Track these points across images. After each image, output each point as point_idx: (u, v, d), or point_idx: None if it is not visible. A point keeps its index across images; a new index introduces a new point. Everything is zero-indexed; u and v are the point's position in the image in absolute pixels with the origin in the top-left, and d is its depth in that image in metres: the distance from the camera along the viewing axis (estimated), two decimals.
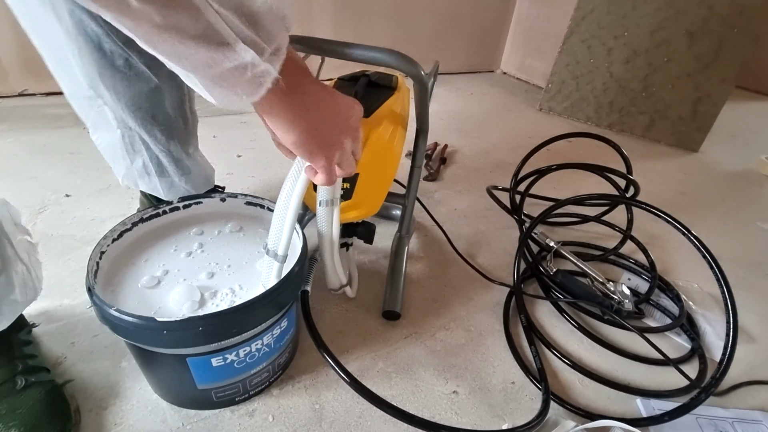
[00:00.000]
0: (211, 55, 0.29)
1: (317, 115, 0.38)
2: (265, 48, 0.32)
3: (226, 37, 0.29)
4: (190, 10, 0.27)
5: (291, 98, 0.36)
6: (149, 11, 0.26)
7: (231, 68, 0.30)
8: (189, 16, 0.28)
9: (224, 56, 0.30)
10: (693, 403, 0.55)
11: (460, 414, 0.54)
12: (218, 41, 0.29)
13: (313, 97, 0.38)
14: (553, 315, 0.71)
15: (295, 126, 0.38)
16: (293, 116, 0.37)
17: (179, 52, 0.29)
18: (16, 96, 1.35)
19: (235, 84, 0.32)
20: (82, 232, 0.79)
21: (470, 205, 1.02)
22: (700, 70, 1.40)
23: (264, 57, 0.32)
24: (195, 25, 0.28)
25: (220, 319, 0.41)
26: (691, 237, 0.64)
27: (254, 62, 0.31)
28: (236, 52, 0.30)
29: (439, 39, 2.00)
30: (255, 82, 0.32)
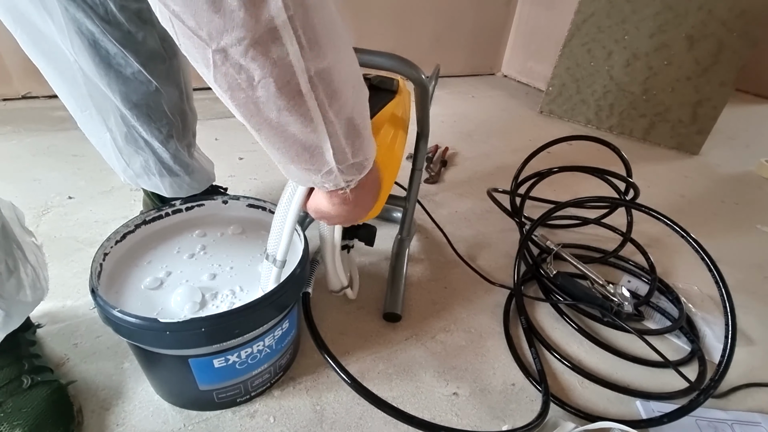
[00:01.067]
0: (300, 153, 0.31)
1: (362, 203, 0.41)
2: (348, 159, 0.33)
3: (322, 145, 0.31)
4: (306, 118, 0.29)
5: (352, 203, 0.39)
6: (270, 109, 0.28)
7: (311, 168, 0.33)
8: (302, 123, 0.29)
9: (311, 157, 0.32)
10: (692, 405, 0.56)
11: (461, 415, 0.55)
12: (312, 144, 0.31)
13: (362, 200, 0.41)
14: (553, 317, 0.72)
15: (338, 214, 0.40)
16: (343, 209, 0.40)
17: (276, 144, 0.31)
18: (20, 99, 1.36)
19: (308, 178, 0.35)
20: (85, 234, 0.80)
21: (471, 207, 1.02)
22: (699, 73, 1.40)
23: (344, 165, 0.33)
24: (301, 130, 0.29)
25: (222, 321, 0.42)
26: (690, 239, 0.64)
27: (333, 170, 0.33)
28: (324, 159, 0.32)
29: (440, 42, 2.01)
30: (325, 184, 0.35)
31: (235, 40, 0.24)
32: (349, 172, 0.35)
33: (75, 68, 0.53)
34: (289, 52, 0.25)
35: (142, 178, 0.66)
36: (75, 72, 0.54)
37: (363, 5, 1.75)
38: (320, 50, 0.26)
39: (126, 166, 0.64)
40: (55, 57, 0.53)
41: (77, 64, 0.53)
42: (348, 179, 0.35)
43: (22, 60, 0.54)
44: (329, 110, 0.29)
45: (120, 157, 0.63)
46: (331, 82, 0.28)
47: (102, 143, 0.62)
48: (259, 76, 0.26)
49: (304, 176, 0.35)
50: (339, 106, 0.30)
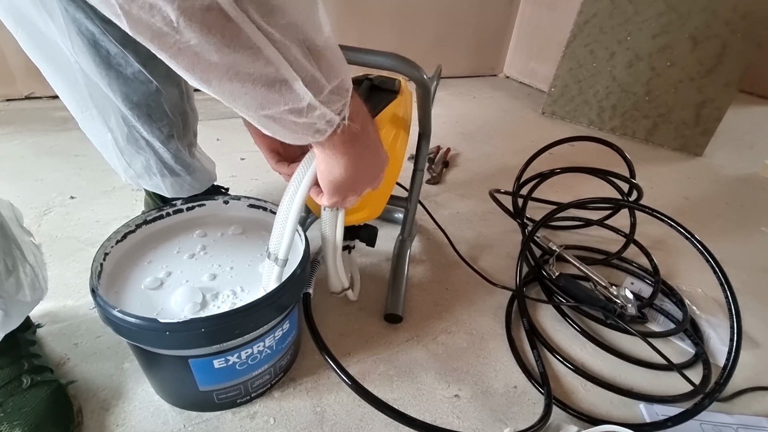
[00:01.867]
0: (265, 95, 0.28)
1: (366, 163, 0.37)
2: (325, 86, 0.30)
3: (284, 74, 0.27)
4: (250, 48, 0.25)
5: (354, 145, 0.35)
6: (207, 49, 0.24)
7: (287, 110, 0.29)
8: (250, 54, 0.25)
9: (280, 96, 0.28)
10: (697, 409, 0.55)
11: (462, 418, 0.54)
12: (274, 79, 0.27)
13: (373, 146, 0.37)
14: (556, 319, 0.71)
15: (346, 170, 0.36)
16: (349, 162, 0.36)
17: (233, 91, 0.27)
18: (23, 99, 1.36)
19: (293, 127, 0.31)
20: (87, 234, 0.80)
21: (472, 208, 1.02)
22: (703, 74, 1.39)
23: (322, 96, 0.30)
24: (252, 63, 0.26)
25: (222, 321, 0.41)
26: (694, 241, 0.64)
27: (312, 104, 0.29)
28: (294, 91, 0.28)
29: (442, 43, 2.01)
30: (314, 127, 0.31)
31: None
32: (333, 101, 0.31)
33: (75, 69, 0.53)
34: None
35: (143, 179, 0.65)
36: (75, 72, 0.54)
37: (365, 6, 1.75)
38: None
39: (127, 166, 0.64)
40: (55, 57, 0.53)
41: (78, 64, 0.53)
42: (337, 109, 0.31)
43: (26, 60, 0.54)
44: (273, 31, 0.25)
45: (121, 157, 0.63)
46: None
47: (103, 144, 0.62)
48: (173, 9, 0.22)
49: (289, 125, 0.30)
50: (284, 24, 0.26)
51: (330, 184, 0.39)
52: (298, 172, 0.45)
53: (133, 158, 0.63)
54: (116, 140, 0.61)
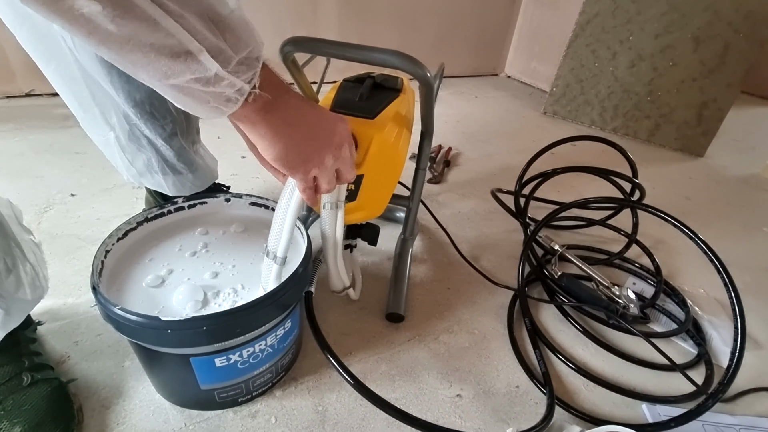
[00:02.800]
0: (169, 65, 0.27)
1: (299, 130, 0.38)
2: (232, 56, 0.30)
3: (187, 45, 0.27)
4: (146, 20, 0.25)
5: (272, 114, 0.35)
6: (101, 20, 0.24)
7: (193, 79, 0.29)
8: (147, 25, 0.26)
9: (186, 66, 0.28)
10: (699, 410, 0.55)
11: (464, 418, 0.54)
12: (178, 50, 0.27)
13: (296, 112, 0.37)
14: (558, 319, 0.71)
15: (277, 141, 0.37)
16: (274, 132, 0.36)
17: (135, 61, 0.27)
18: (23, 96, 1.36)
19: (203, 97, 0.30)
20: (87, 232, 0.79)
21: (474, 207, 1.01)
22: (705, 74, 1.39)
23: (230, 67, 0.30)
24: (152, 34, 0.26)
25: (224, 319, 0.41)
26: (698, 241, 0.63)
27: (219, 74, 0.29)
28: (199, 62, 0.28)
29: (444, 42, 2.01)
30: (224, 96, 0.31)
31: None
32: (242, 71, 0.31)
33: (76, 68, 0.53)
34: None
35: (145, 177, 0.65)
36: (76, 71, 0.54)
37: (367, 5, 1.75)
38: None
39: (129, 164, 0.64)
40: (57, 56, 0.53)
41: (79, 63, 0.52)
42: (247, 78, 0.31)
43: (26, 57, 0.54)
44: (169, 3, 0.26)
45: (123, 156, 0.63)
46: None
47: (105, 142, 0.62)
48: None
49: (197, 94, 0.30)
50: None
51: (275, 161, 0.38)
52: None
53: (135, 156, 0.63)
54: (118, 138, 0.61)
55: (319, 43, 0.53)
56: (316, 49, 0.53)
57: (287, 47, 0.53)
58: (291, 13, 1.63)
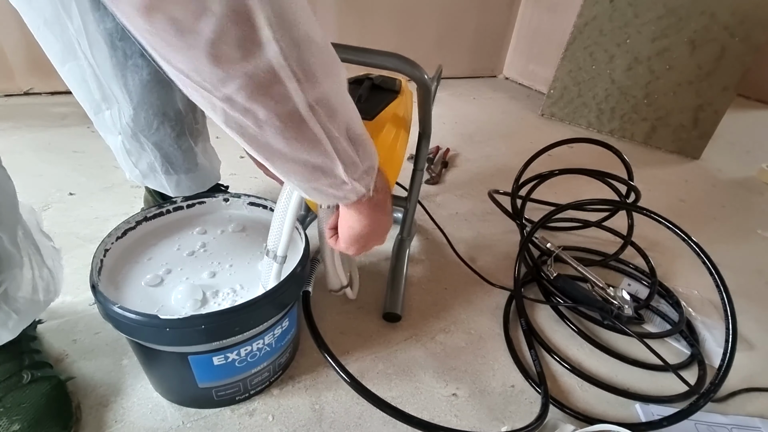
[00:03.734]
0: (313, 174, 0.33)
1: (379, 225, 0.43)
2: (359, 167, 0.35)
3: (331, 162, 0.33)
4: (312, 142, 0.31)
5: (374, 210, 0.41)
6: (277, 141, 0.29)
7: (327, 184, 0.35)
8: (310, 146, 0.31)
9: (323, 175, 0.34)
10: (692, 409, 0.55)
11: (460, 416, 0.54)
12: (323, 164, 0.33)
13: (387, 213, 0.44)
14: (553, 319, 0.72)
15: (364, 228, 0.42)
16: (370, 221, 0.42)
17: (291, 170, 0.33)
18: (21, 95, 1.35)
19: (328, 194, 0.36)
20: (85, 230, 0.80)
21: (471, 208, 1.02)
22: (701, 78, 1.40)
23: (356, 175, 0.35)
24: (311, 154, 0.31)
25: (222, 318, 0.42)
26: (691, 243, 0.64)
27: (347, 182, 0.35)
28: (335, 174, 0.34)
29: (443, 44, 2.01)
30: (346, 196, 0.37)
31: (237, 87, 0.25)
32: (362, 179, 0.37)
33: (89, 70, 0.54)
34: (288, 88, 0.27)
35: (148, 178, 0.66)
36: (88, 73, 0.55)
37: (366, 6, 1.75)
38: (316, 80, 0.28)
39: (133, 166, 0.64)
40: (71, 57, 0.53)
41: (92, 67, 0.53)
42: (366, 184, 0.37)
43: (25, 56, 0.54)
44: (332, 129, 0.31)
45: (128, 157, 0.63)
46: (329, 104, 0.30)
47: (114, 144, 0.63)
48: (264, 115, 0.27)
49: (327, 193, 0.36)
50: (339, 122, 0.31)
51: (350, 238, 0.44)
52: None
53: (139, 158, 0.63)
54: (124, 142, 0.61)
55: None
56: None
57: None
58: None
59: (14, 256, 0.43)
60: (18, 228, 0.44)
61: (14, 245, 0.43)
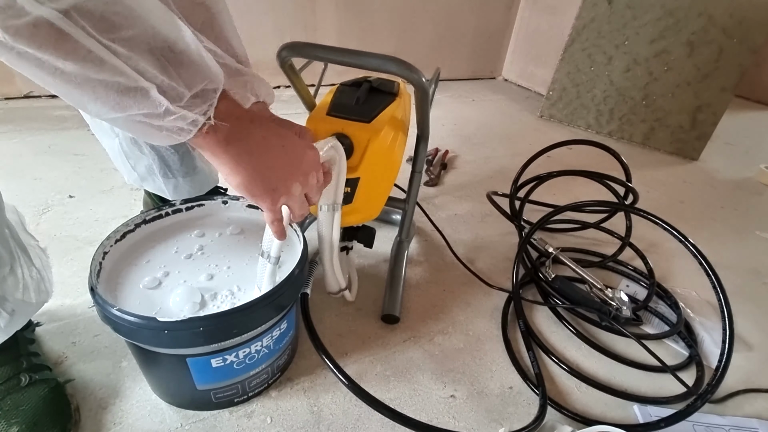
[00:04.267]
0: (118, 100, 0.28)
1: (263, 160, 0.37)
2: (184, 93, 0.30)
3: (137, 83, 0.28)
4: (92, 60, 0.26)
5: (234, 144, 0.35)
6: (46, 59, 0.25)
7: (143, 114, 0.29)
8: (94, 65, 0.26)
9: (135, 102, 0.29)
10: (689, 410, 0.56)
11: (458, 418, 0.55)
12: (126, 87, 0.28)
13: (261, 142, 0.37)
14: (552, 321, 0.72)
15: (238, 171, 0.36)
16: (235, 161, 0.36)
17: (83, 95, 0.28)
18: (22, 98, 1.36)
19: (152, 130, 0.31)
20: (85, 233, 0.80)
21: (470, 210, 1.02)
22: (699, 79, 1.41)
23: (183, 101, 0.30)
24: (100, 73, 0.27)
25: (220, 320, 0.42)
26: (687, 244, 0.64)
27: (170, 109, 0.30)
28: (150, 98, 0.29)
29: (442, 46, 2.02)
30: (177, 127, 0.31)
31: None
32: (195, 104, 0.31)
33: None
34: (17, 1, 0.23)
35: (147, 181, 0.66)
36: None
37: (364, 8, 1.76)
38: None
39: (131, 169, 0.64)
40: None
41: None
42: (201, 111, 0.32)
43: None
44: (116, 45, 0.26)
45: (126, 161, 0.63)
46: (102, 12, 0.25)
47: (111, 147, 0.63)
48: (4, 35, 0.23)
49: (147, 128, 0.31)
50: (129, 37, 0.27)
51: (237, 188, 0.38)
52: None
53: (137, 161, 0.63)
54: (122, 144, 0.62)
55: (315, 49, 0.53)
56: (312, 55, 0.54)
57: (284, 53, 0.54)
58: (291, 17, 1.64)
59: (1, 256, 0.43)
60: (3, 227, 0.44)
61: (1, 245, 0.43)
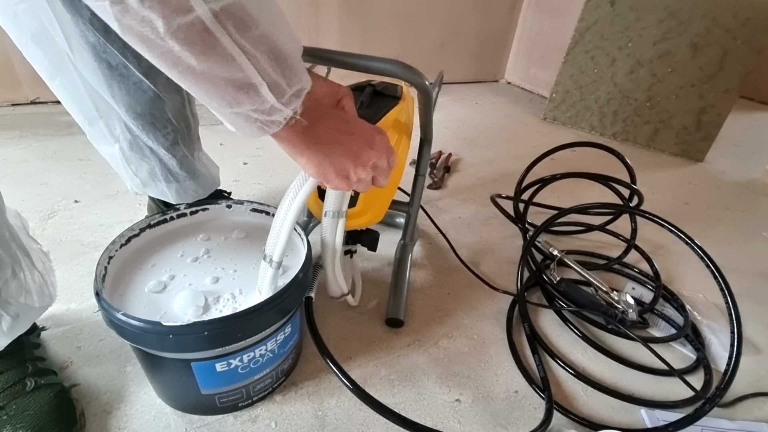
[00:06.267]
0: (235, 97, 0.31)
1: (334, 149, 0.40)
2: (286, 90, 0.33)
3: (253, 80, 0.31)
4: (225, 57, 0.29)
5: (308, 135, 0.38)
6: (186, 56, 0.28)
7: (252, 109, 0.33)
8: (224, 62, 0.29)
9: (248, 98, 0.32)
10: (698, 414, 0.55)
11: (463, 422, 0.54)
12: (245, 84, 0.31)
13: (331, 132, 0.40)
14: (557, 324, 0.71)
15: (314, 160, 0.40)
16: (312, 151, 0.39)
17: (208, 91, 0.31)
18: (28, 104, 1.37)
19: (249, 123, 0.34)
20: (90, 238, 0.80)
21: (474, 213, 1.02)
22: (704, 80, 1.40)
23: (284, 98, 0.34)
24: (227, 70, 0.29)
25: (225, 324, 0.42)
26: (694, 246, 0.64)
27: (275, 106, 0.33)
28: (260, 95, 0.32)
29: (445, 49, 2.02)
30: (272, 122, 0.35)
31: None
32: (291, 102, 0.35)
33: (79, 81, 0.55)
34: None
35: (149, 186, 0.66)
36: (79, 85, 0.55)
37: (367, 12, 1.77)
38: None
39: (133, 175, 0.65)
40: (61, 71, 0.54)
41: (82, 77, 0.54)
42: (294, 107, 0.35)
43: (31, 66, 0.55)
44: (246, 44, 0.29)
45: (127, 166, 0.64)
46: (241, 14, 0.28)
47: (111, 154, 0.63)
48: (163, 25, 0.26)
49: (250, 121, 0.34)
50: (256, 38, 0.29)
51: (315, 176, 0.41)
52: (299, 176, 0.46)
53: (138, 166, 0.64)
54: (122, 149, 0.62)
55: (318, 53, 0.54)
56: (315, 59, 0.54)
57: None
58: (293, 21, 1.64)
59: (3, 259, 0.44)
60: (5, 231, 0.45)
61: (2, 248, 0.44)
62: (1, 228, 0.44)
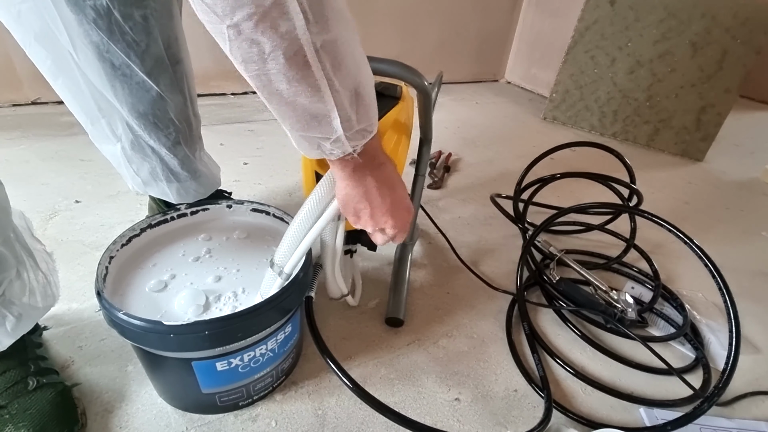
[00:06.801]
0: (309, 122, 0.34)
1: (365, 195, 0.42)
2: (354, 125, 0.35)
3: (330, 113, 0.33)
4: (313, 88, 0.31)
5: (356, 173, 0.41)
6: (280, 79, 0.30)
7: (319, 136, 0.35)
8: (310, 92, 0.31)
9: (319, 126, 0.34)
10: (696, 413, 0.55)
11: (462, 421, 0.54)
12: (321, 114, 0.33)
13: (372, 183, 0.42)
14: (556, 323, 0.71)
15: (347, 192, 0.42)
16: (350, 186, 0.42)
17: (287, 114, 0.33)
18: (29, 104, 1.38)
19: (313, 147, 0.37)
20: (91, 238, 0.80)
21: (474, 213, 1.02)
22: (704, 80, 1.40)
23: (350, 132, 0.35)
24: (310, 99, 0.32)
25: (225, 324, 0.42)
26: (692, 246, 0.64)
27: (340, 138, 0.35)
28: (331, 126, 0.34)
29: (445, 49, 2.03)
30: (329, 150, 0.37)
31: (245, 16, 0.26)
32: (354, 138, 0.36)
33: (82, 81, 0.55)
34: (296, 26, 0.28)
35: (150, 186, 0.66)
36: (82, 84, 0.55)
37: (368, 11, 1.77)
38: (326, 23, 0.29)
39: (135, 174, 0.65)
40: (64, 70, 0.54)
41: (85, 76, 0.54)
42: (354, 144, 0.37)
43: (33, 66, 0.55)
44: (335, 80, 0.31)
45: (129, 165, 0.64)
46: (337, 53, 0.31)
47: (112, 153, 0.64)
48: (269, 48, 0.28)
49: (314, 145, 0.37)
50: (344, 76, 0.32)
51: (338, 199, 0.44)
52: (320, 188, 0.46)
53: (140, 166, 0.64)
54: (124, 149, 0.62)
55: None
56: None
57: None
58: None
59: (8, 259, 0.44)
60: (9, 231, 0.45)
61: (7, 248, 0.44)
62: (6, 229, 0.44)
